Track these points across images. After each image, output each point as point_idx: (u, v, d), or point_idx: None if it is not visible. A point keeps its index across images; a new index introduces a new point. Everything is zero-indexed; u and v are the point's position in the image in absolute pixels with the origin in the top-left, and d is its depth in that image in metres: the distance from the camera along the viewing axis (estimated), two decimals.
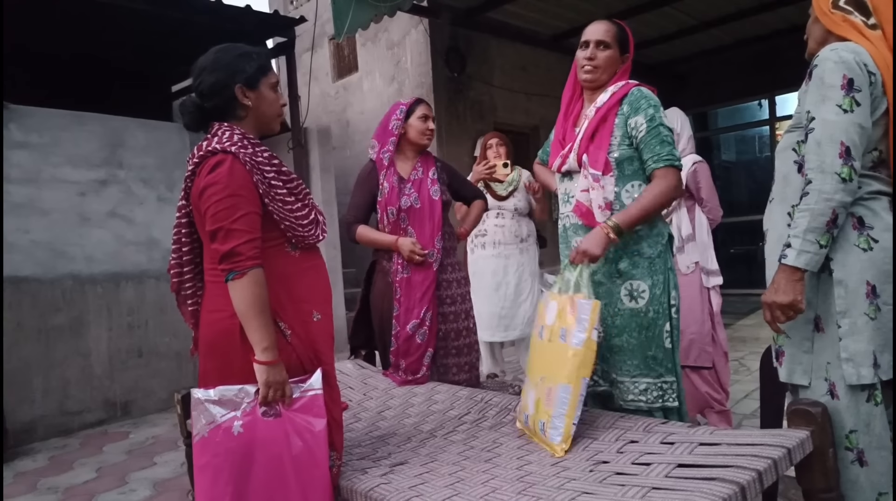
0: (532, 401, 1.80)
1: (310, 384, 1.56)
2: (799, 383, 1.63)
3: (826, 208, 1.49)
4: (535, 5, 5.60)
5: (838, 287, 1.54)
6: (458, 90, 5.81)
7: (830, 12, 1.62)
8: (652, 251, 1.95)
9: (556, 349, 1.77)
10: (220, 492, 1.47)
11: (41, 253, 4.01)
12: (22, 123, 3.98)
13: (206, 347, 1.60)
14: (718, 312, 2.99)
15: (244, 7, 4.81)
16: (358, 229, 2.59)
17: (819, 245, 1.51)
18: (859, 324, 1.52)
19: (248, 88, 1.60)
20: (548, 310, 1.85)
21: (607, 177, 1.94)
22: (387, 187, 2.54)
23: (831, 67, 1.51)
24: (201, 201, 1.50)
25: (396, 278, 2.52)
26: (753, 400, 3.50)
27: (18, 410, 3.80)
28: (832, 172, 1.48)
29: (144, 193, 4.51)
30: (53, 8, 4.24)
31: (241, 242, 1.46)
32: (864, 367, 1.52)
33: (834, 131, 1.49)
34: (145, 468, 3.26)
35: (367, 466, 1.73)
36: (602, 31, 2.00)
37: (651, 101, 1.93)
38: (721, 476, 1.28)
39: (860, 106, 1.48)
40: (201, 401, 1.49)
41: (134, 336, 4.38)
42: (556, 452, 1.65)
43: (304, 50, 6.29)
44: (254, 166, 1.52)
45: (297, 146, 5.30)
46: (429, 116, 2.65)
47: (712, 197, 2.97)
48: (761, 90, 7.20)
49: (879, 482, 1.54)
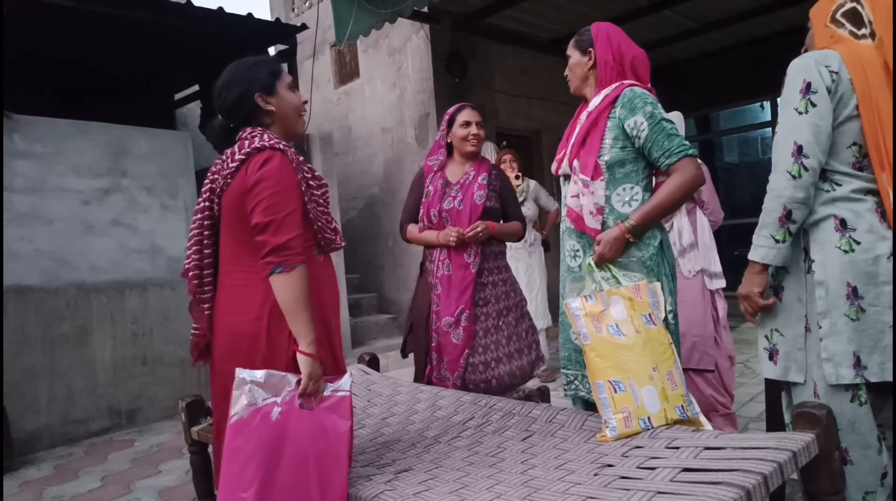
0: (655, 397, 1.69)
1: (340, 385, 1.58)
2: (794, 380, 1.67)
3: (777, 205, 1.58)
4: (534, 10, 5.61)
5: (819, 288, 1.58)
6: (460, 95, 5.81)
7: (825, 27, 1.66)
8: (644, 254, 1.94)
9: (652, 335, 1.74)
10: (248, 479, 1.45)
11: (45, 262, 4.02)
12: (25, 133, 4.00)
13: (226, 352, 1.60)
14: (725, 316, 2.98)
15: (246, 15, 4.84)
16: (408, 230, 2.77)
17: (774, 240, 1.61)
18: (839, 325, 1.56)
19: (268, 94, 1.63)
20: (610, 307, 1.77)
21: (597, 182, 1.93)
22: (431, 191, 2.66)
23: (793, 74, 1.60)
24: (250, 197, 1.51)
25: (437, 275, 2.60)
26: (759, 403, 3.49)
27: (23, 419, 3.80)
28: (783, 170, 1.58)
29: (148, 201, 4.52)
30: (55, 18, 4.27)
31: (292, 236, 1.49)
32: (844, 367, 1.55)
33: (788, 132, 1.58)
34: (150, 476, 3.26)
35: (371, 473, 1.73)
36: (569, 44, 2.09)
37: (646, 98, 1.90)
38: (727, 481, 1.27)
39: (816, 107, 1.55)
40: (246, 382, 1.47)
41: (138, 344, 4.39)
42: (704, 426, 1.70)
43: (305, 57, 6.31)
44: (298, 164, 1.58)
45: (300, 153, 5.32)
46: (471, 121, 2.66)
47: (713, 199, 2.98)
48: (763, 92, 7.19)
49: (866, 481, 1.55)
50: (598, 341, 1.73)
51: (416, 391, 2.48)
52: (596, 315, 1.76)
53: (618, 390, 1.68)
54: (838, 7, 1.64)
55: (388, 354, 5.07)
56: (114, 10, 4.18)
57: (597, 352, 1.72)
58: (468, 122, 2.66)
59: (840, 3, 1.64)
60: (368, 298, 6.42)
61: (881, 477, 1.58)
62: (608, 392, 1.69)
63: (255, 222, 1.51)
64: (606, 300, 1.79)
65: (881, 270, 1.53)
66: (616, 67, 1.97)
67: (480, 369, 2.57)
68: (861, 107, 1.54)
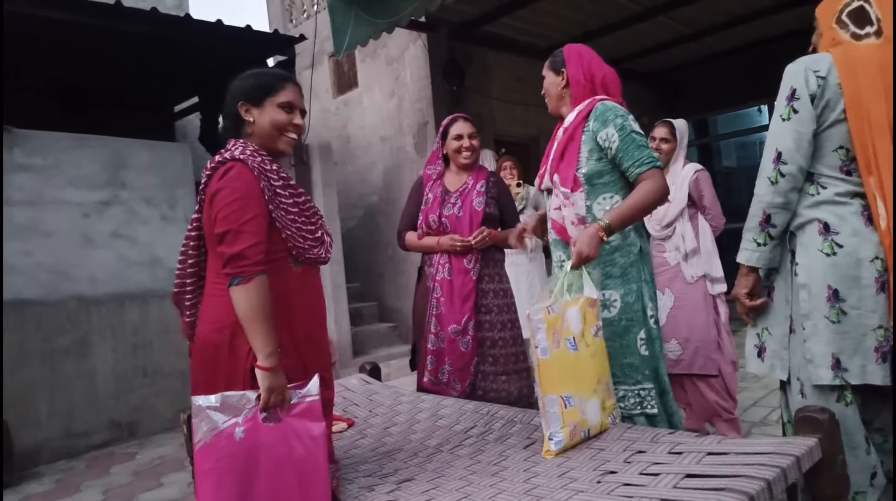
0: (596, 410, 1.77)
1: (307, 390, 1.56)
2: (779, 377, 1.72)
3: (757, 210, 1.66)
4: (530, 18, 5.64)
5: (802, 291, 1.61)
6: (458, 103, 5.83)
7: (830, 28, 1.66)
8: (624, 261, 1.99)
9: (598, 348, 1.82)
10: (224, 497, 1.45)
11: (45, 275, 4.02)
12: (24, 147, 4.01)
13: (195, 357, 1.63)
14: (727, 321, 2.98)
15: (244, 27, 4.85)
16: (406, 237, 2.76)
17: (756, 243, 1.67)
18: (819, 327, 1.59)
19: (252, 105, 1.64)
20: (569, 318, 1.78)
21: (577, 194, 2.01)
22: (430, 198, 2.68)
23: (784, 80, 1.64)
24: (213, 206, 1.53)
25: (437, 279, 2.61)
26: (762, 408, 3.48)
27: (24, 433, 3.79)
28: (765, 176, 1.63)
29: (147, 212, 4.52)
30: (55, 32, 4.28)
31: (248, 244, 1.49)
32: (823, 368, 1.58)
33: (772, 139, 1.64)
34: (152, 489, 3.24)
35: (373, 483, 1.72)
36: (544, 65, 2.19)
37: (617, 111, 1.98)
38: (730, 487, 1.27)
39: (797, 113, 1.59)
40: (203, 408, 1.48)
41: (139, 356, 4.38)
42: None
43: (304, 67, 6.34)
44: (261, 173, 1.57)
45: (300, 163, 5.34)
46: (462, 134, 2.67)
47: (715, 205, 2.98)
48: (759, 96, 7.20)
49: (855, 481, 1.56)
50: (555, 355, 1.74)
51: (418, 400, 2.47)
52: (556, 328, 1.76)
53: (568, 405, 1.74)
54: (845, 6, 1.64)
55: (389, 363, 5.06)
56: (111, 23, 4.20)
57: (554, 367, 1.74)
58: (460, 135, 2.67)
59: (846, 2, 1.64)
60: (369, 307, 6.41)
61: (870, 477, 1.58)
62: (559, 407, 1.72)
63: (216, 231, 1.52)
64: (565, 312, 1.79)
65: (863, 273, 1.55)
66: (588, 86, 2.07)
67: (491, 378, 2.57)
68: (849, 111, 1.56)
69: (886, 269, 1.52)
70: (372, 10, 4.33)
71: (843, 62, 1.57)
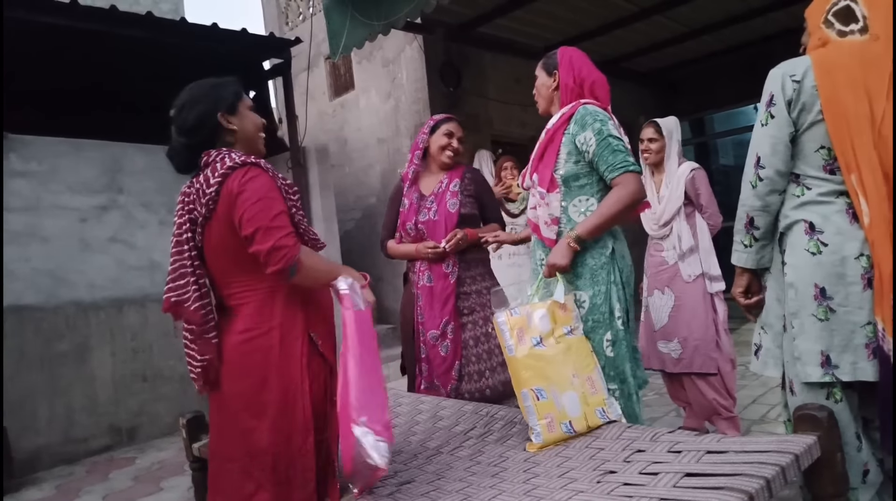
0: (575, 402, 1.82)
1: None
2: (770, 375, 1.76)
3: (742, 213, 1.72)
4: (526, 19, 5.64)
5: (790, 290, 1.64)
6: (454, 104, 5.83)
7: (818, 28, 1.67)
8: (595, 262, 2.02)
9: (572, 344, 1.88)
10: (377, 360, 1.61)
11: (43, 281, 4.01)
12: (21, 153, 4.01)
13: (236, 371, 1.57)
14: (724, 319, 2.98)
15: (240, 30, 4.85)
16: (388, 245, 2.75)
17: (744, 245, 1.74)
18: (807, 325, 1.60)
19: (230, 114, 1.66)
20: (535, 320, 1.88)
21: (552, 194, 2.04)
22: (406, 204, 2.65)
23: (765, 87, 1.69)
24: (235, 209, 1.52)
25: (419, 286, 2.60)
26: (761, 406, 3.49)
27: (23, 439, 3.78)
28: (746, 180, 1.70)
29: (145, 217, 4.52)
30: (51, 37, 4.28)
31: (282, 235, 1.51)
32: (811, 365, 1.60)
33: (753, 144, 1.70)
34: (152, 494, 3.24)
35: (373, 486, 1.72)
36: (538, 65, 2.21)
37: (597, 116, 2.00)
38: (729, 485, 1.27)
39: (774, 118, 1.65)
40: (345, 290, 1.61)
41: (138, 361, 4.37)
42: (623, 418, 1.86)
43: (300, 70, 6.33)
44: (274, 174, 1.61)
45: (297, 165, 5.32)
46: (454, 134, 2.67)
47: (711, 203, 2.99)
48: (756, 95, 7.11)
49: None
50: (521, 352, 1.85)
51: (418, 402, 2.47)
52: (521, 328, 1.87)
53: (540, 397, 1.81)
54: (832, 6, 1.65)
55: (388, 364, 5.04)
56: (106, 28, 4.20)
57: (521, 363, 1.84)
58: (451, 133, 2.65)
59: (834, 2, 1.65)
60: None
61: (863, 475, 1.59)
62: (532, 400, 1.81)
63: (244, 233, 1.52)
64: (531, 313, 1.89)
65: (848, 270, 1.56)
66: (576, 90, 2.10)
67: (475, 378, 2.56)
68: (825, 111, 1.57)
69: (873, 265, 1.52)
70: (368, 12, 4.33)
71: (821, 64, 1.59)
